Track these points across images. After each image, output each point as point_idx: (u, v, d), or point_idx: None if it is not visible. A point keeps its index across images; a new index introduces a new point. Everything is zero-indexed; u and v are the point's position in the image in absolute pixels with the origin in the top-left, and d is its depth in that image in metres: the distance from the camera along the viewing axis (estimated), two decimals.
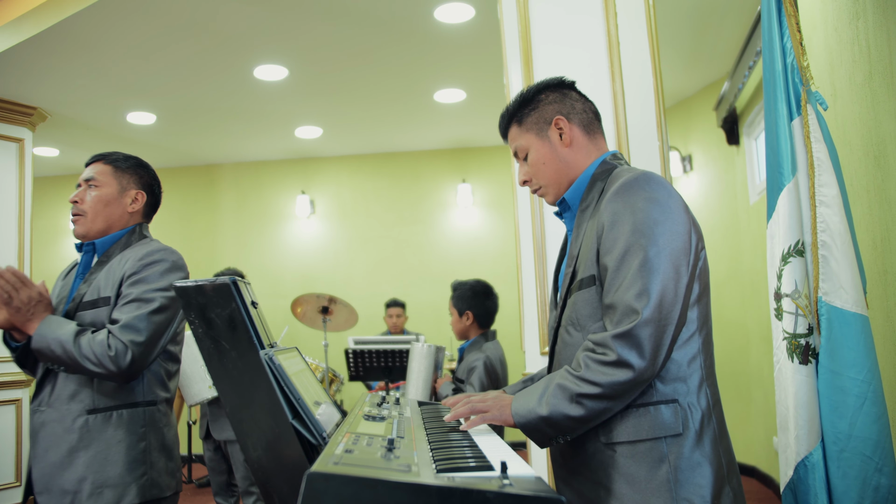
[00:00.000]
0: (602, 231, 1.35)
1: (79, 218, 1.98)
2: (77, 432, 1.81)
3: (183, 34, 4.04)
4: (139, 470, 1.84)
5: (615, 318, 1.28)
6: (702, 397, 1.36)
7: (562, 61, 2.28)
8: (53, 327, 1.79)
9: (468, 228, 6.60)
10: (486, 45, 4.32)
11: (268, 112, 5.50)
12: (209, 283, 1.26)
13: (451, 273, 6.43)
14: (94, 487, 1.78)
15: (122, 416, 1.85)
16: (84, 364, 1.75)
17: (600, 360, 1.27)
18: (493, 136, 6.37)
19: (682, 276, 1.29)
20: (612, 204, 1.35)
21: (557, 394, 1.30)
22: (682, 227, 1.32)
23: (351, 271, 6.66)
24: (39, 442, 1.85)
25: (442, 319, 6.34)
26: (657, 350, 1.26)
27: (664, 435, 1.32)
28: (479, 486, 0.83)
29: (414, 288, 6.45)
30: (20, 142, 5.16)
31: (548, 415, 1.30)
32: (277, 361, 1.17)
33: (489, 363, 2.86)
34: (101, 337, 1.78)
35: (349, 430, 1.17)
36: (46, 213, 6.97)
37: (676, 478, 1.30)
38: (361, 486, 0.81)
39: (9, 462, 4.86)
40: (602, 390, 1.26)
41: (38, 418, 1.87)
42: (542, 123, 1.53)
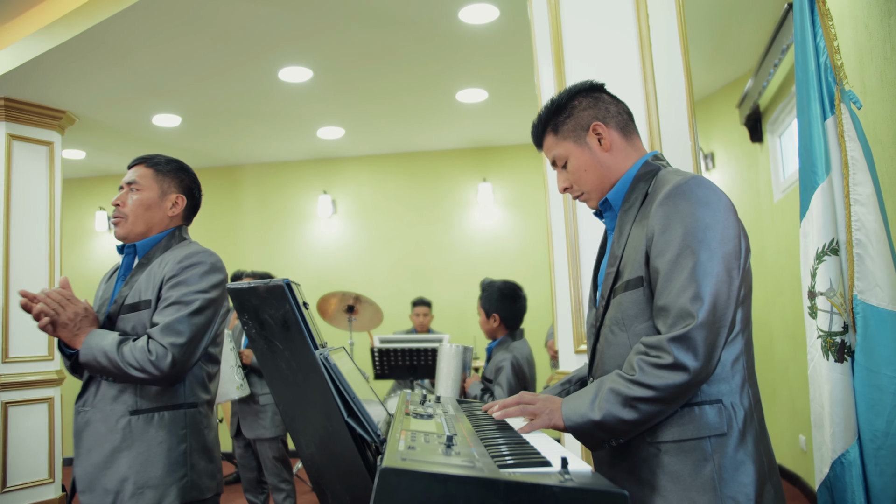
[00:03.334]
0: (652, 234, 1.37)
1: (120, 220, 2.02)
2: (120, 433, 1.84)
3: (209, 37, 4.10)
4: (180, 472, 1.86)
5: (669, 320, 1.29)
6: (744, 397, 1.38)
7: (593, 61, 2.29)
8: (98, 339, 1.82)
9: (489, 227, 6.62)
10: (510, 45, 4.34)
11: (291, 113, 5.55)
12: (263, 285, 1.29)
13: (472, 272, 6.46)
14: (135, 488, 1.81)
15: (163, 417, 1.88)
16: (129, 371, 1.79)
17: (655, 364, 1.28)
18: (514, 136, 6.38)
19: (734, 279, 1.31)
20: (663, 208, 1.36)
21: (610, 398, 1.32)
22: (733, 231, 1.34)
23: (372, 271, 6.70)
24: (83, 442, 1.88)
25: (464, 318, 6.38)
26: (712, 353, 1.28)
27: (708, 434, 1.34)
28: (545, 482, 0.86)
29: (435, 287, 6.48)
30: (50, 145, 5.25)
31: (601, 419, 1.32)
32: (332, 361, 1.20)
33: (516, 363, 2.89)
34: (142, 343, 1.81)
35: (403, 427, 1.20)
36: (74, 214, 7.07)
37: (721, 476, 1.33)
38: (432, 481, 0.84)
39: (42, 459, 4.96)
40: (657, 393, 1.28)
41: (83, 418, 1.91)
42: (580, 130, 1.54)
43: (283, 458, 4.10)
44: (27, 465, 4.86)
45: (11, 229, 4.97)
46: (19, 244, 5.01)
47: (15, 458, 4.80)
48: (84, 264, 7.17)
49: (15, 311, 4.90)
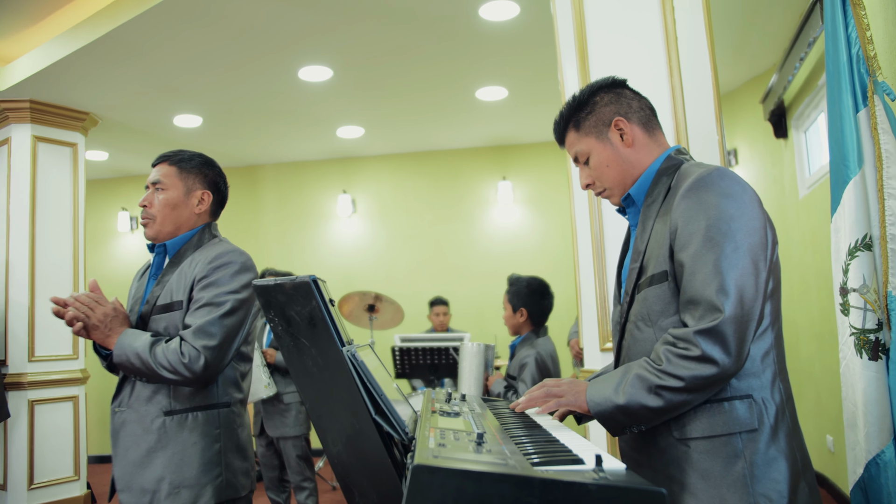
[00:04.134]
0: (676, 228, 1.35)
1: (148, 221, 2.02)
2: (155, 433, 1.85)
3: (230, 38, 4.11)
4: (214, 471, 1.87)
5: (697, 313, 1.28)
6: (775, 392, 1.35)
7: (618, 56, 2.26)
8: (130, 340, 1.83)
9: (509, 226, 6.59)
10: (530, 42, 4.32)
11: (310, 113, 5.57)
12: (289, 282, 1.28)
13: (491, 271, 6.44)
14: (171, 487, 1.82)
15: (197, 418, 1.88)
16: (161, 373, 1.79)
17: (683, 355, 1.27)
18: (534, 133, 6.35)
19: (760, 271, 1.29)
20: (686, 200, 1.34)
21: (636, 384, 1.31)
22: (759, 223, 1.32)
23: (392, 270, 6.70)
24: (120, 442, 1.90)
25: (483, 317, 6.36)
26: (741, 346, 1.26)
27: (739, 430, 1.32)
28: (580, 479, 0.84)
29: (455, 286, 6.47)
30: (73, 146, 5.31)
31: (624, 404, 1.31)
32: (360, 358, 1.19)
33: (540, 359, 2.87)
34: (174, 345, 1.81)
35: (431, 425, 1.19)
36: (97, 215, 7.15)
37: (752, 473, 1.30)
38: (466, 479, 0.83)
39: (67, 457, 5.01)
40: (683, 384, 1.27)
41: (119, 418, 1.92)
42: (601, 126, 1.53)
43: (307, 456, 4.11)
44: (53, 463, 4.92)
45: (37, 230, 5.03)
46: (44, 245, 5.07)
47: (41, 456, 4.86)
48: (107, 265, 7.25)
49: (41, 311, 4.96)
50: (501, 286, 5.86)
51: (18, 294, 4.93)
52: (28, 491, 4.77)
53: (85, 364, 5.25)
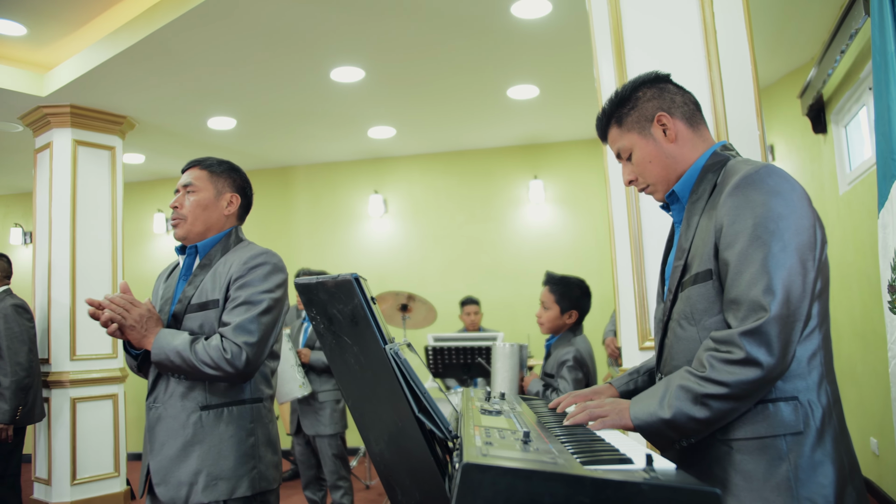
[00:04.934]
0: (721, 226, 1.32)
1: (179, 222, 2.06)
2: (191, 428, 1.90)
3: (263, 41, 4.16)
4: (249, 464, 1.92)
5: (740, 314, 1.25)
6: (822, 395, 1.32)
7: (655, 51, 2.23)
8: (169, 339, 1.87)
9: (540, 225, 6.56)
10: (562, 39, 4.29)
11: (342, 113, 5.60)
12: (331, 280, 1.28)
13: (523, 270, 6.41)
14: (208, 480, 1.86)
15: (231, 412, 1.93)
16: (203, 369, 1.83)
17: (726, 359, 1.24)
18: (565, 132, 6.31)
19: (808, 271, 1.26)
20: (733, 198, 1.32)
21: (680, 395, 1.28)
22: (808, 221, 1.28)
23: (424, 269, 6.71)
24: (156, 437, 1.94)
25: (515, 316, 6.33)
26: (786, 347, 1.23)
27: (784, 433, 1.29)
28: (632, 479, 0.83)
29: (486, 285, 6.45)
30: (112, 149, 5.42)
31: (671, 417, 1.28)
32: (403, 356, 1.19)
33: (580, 356, 2.84)
34: (215, 342, 1.86)
35: (475, 423, 1.19)
36: (133, 216, 7.28)
37: (797, 476, 1.27)
38: (516, 477, 0.82)
39: (108, 453, 5.12)
40: (729, 390, 1.24)
41: (154, 414, 1.96)
42: (644, 121, 1.51)
43: (342, 455, 4.14)
44: (94, 459, 5.03)
45: (77, 232, 5.15)
46: (84, 246, 5.18)
47: (83, 452, 4.97)
48: (144, 265, 7.38)
49: (81, 311, 5.07)
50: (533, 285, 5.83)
51: (60, 294, 5.05)
52: (71, 486, 4.88)
53: (123, 363, 5.35)
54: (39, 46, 4.70)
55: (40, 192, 5.30)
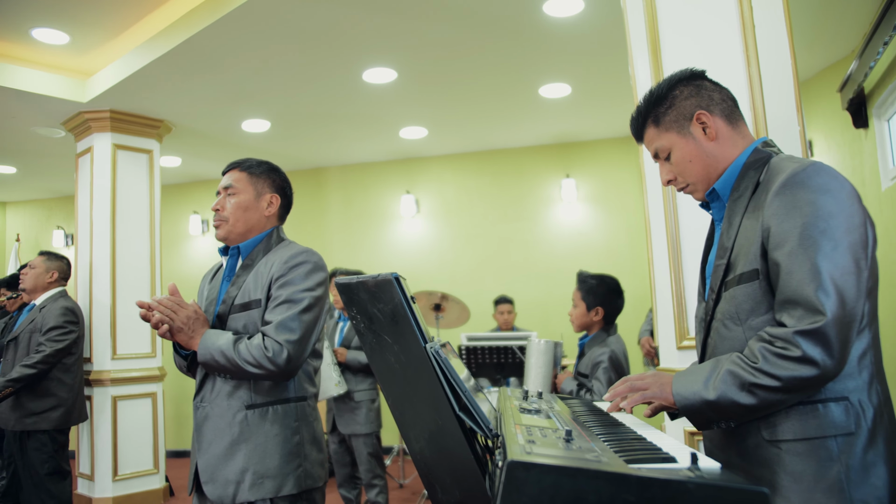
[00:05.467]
0: (769, 226, 1.30)
1: (221, 223, 2.09)
2: (237, 426, 1.92)
3: (296, 43, 4.20)
4: (295, 462, 1.93)
5: (796, 314, 1.23)
6: (873, 394, 1.30)
7: (692, 46, 2.21)
8: (213, 340, 1.91)
9: (573, 224, 6.52)
10: (594, 37, 4.26)
11: (374, 114, 5.64)
12: (372, 279, 1.30)
13: (556, 269, 6.38)
14: (255, 478, 1.89)
15: (276, 411, 1.95)
16: (246, 368, 1.86)
17: (782, 355, 1.23)
18: (597, 130, 6.26)
19: (862, 270, 1.24)
20: (780, 198, 1.30)
21: (727, 379, 1.28)
22: (859, 219, 1.26)
23: (456, 269, 6.72)
24: (203, 436, 1.97)
25: (548, 315, 6.31)
26: (844, 348, 1.22)
27: (834, 434, 1.27)
28: (677, 477, 0.82)
29: (519, 284, 6.44)
30: (149, 153, 5.53)
31: (714, 399, 1.28)
32: (444, 355, 1.20)
33: (615, 357, 2.82)
34: (257, 341, 1.88)
35: (516, 421, 1.19)
36: (170, 218, 7.42)
37: (850, 478, 1.26)
38: (561, 475, 0.82)
39: (147, 451, 5.23)
40: (780, 384, 1.23)
41: (201, 413, 1.99)
42: (683, 120, 1.49)
43: (377, 453, 4.17)
44: (134, 456, 5.14)
45: (117, 233, 5.27)
46: (124, 248, 5.30)
47: (124, 449, 5.08)
48: (180, 267, 7.51)
49: (122, 311, 5.19)
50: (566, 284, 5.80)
51: (101, 294, 5.17)
52: (112, 482, 5.00)
53: (162, 362, 5.46)
54: (81, 53, 4.81)
55: (82, 195, 5.43)
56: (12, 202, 8.48)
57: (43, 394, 3.87)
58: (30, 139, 5.95)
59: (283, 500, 1.91)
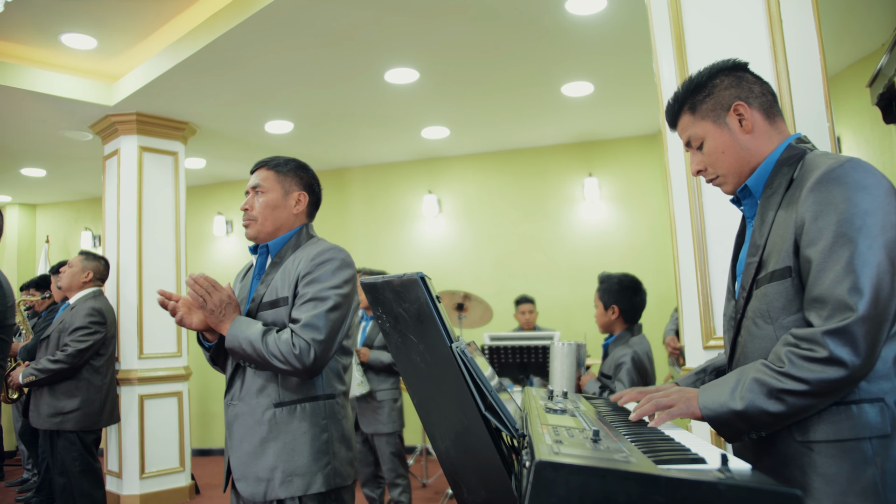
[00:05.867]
0: (802, 223, 1.28)
1: (250, 223, 2.10)
2: (266, 424, 1.93)
3: (318, 44, 4.22)
4: (323, 460, 1.93)
5: (824, 313, 1.21)
6: None
7: (717, 42, 2.18)
8: (243, 327, 1.91)
9: (596, 223, 6.48)
10: (617, 35, 4.23)
11: (396, 115, 5.65)
12: (398, 279, 1.30)
13: (578, 269, 6.35)
14: (284, 476, 1.90)
15: (305, 409, 1.95)
16: (271, 361, 1.86)
17: (808, 357, 1.20)
18: (620, 128, 6.22)
19: None
20: (815, 194, 1.27)
21: (754, 388, 1.25)
22: (895, 217, 1.23)
23: (478, 269, 6.72)
24: (234, 433, 1.99)
25: (571, 315, 6.28)
26: (873, 347, 1.19)
27: (869, 435, 1.25)
28: (708, 478, 0.81)
29: (541, 284, 6.42)
30: (175, 155, 5.60)
31: (742, 409, 1.26)
32: (469, 354, 1.20)
33: (637, 358, 2.80)
34: (286, 336, 1.88)
35: (542, 421, 1.18)
36: (195, 219, 7.50)
37: (885, 481, 1.23)
38: (590, 475, 0.82)
39: (173, 449, 5.29)
40: (809, 388, 1.20)
41: (232, 411, 2.01)
42: (720, 110, 1.46)
43: (400, 453, 4.18)
44: (161, 454, 5.21)
45: (143, 235, 5.34)
46: (150, 248, 5.37)
47: (151, 447, 5.15)
48: (205, 267, 7.59)
49: (148, 311, 5.25)
50: (588, 284, 5.77)
51: (128, 294, 5.24)
52: (140, 479, 5.07)
53: (188, 361, 5.52)
54: (108, 58, 4.88)
55: (109, 196, 5.51)
56: (42, 204, 8.64)
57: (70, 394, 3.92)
58: (59, 142, 6.05)
59: (312, 498, 1.91)
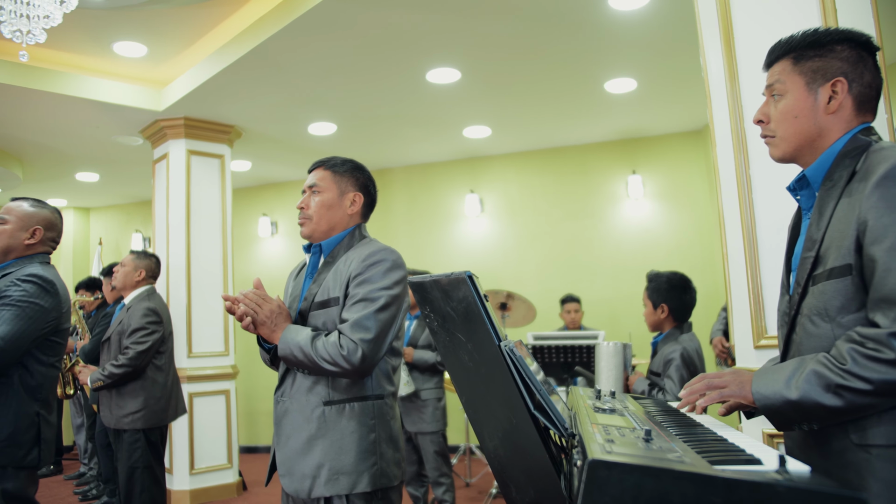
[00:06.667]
0: (866, 219, 1.23)
1: (305, 221, 2.13)
2: (315, 422, 1.95)
3: (361, 46, 4.26)
4: (370, 460, 1.94)
5: (892, 314, 1.17)
6: None
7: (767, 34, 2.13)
8: (293, 335, 1.94)
9: (640, 221, 6.40)
10: (660, 29, 4.17)
11: (438, 115, 5.66)
12: (445, 278, 1.30)
13: (622, 267, 6.27)
14: (330, 474, 1.91)
15: (353, 408, 1.96)
16: (322, 365, 1.89)
17: (873, 357, 1.16)
18: (665, 124, 6.13)
19: None
20: (881, 189, 1.22)
21: (811, 380, 1.22)
22: None
23: (521, 268, 6.69)
24: (282, 430, 2.02)
25: (615, 314, 6.21)
26: None
27: None
28: (767, 480, 0.80)
29: (585, 283, 6.36)
30: (221, 157, 5.72)
31: (797, 399, 1.22)
32: (518, 353, 1.19)
33: (687, 355, 2.76)
34: (333, 338, 1.90)
35: (592, 421, 1.17)
36: (240, 220, 7.64)
37: None
38: (644, 475, 0.81)
39: (221, 446, 5.40)
40: (871, 387, 1.16)
41: (281, 408, 2.04)
42: (819, 76, 1.38)
43: (444, 452, 4.19)
44: (209, 451, 5.33)
45: (192, 236, 5.46)
46: (198, 250, 5.49)
47: (200, 444, 5.27)
48: (250, 267, 7.73)
49: (197, 311, 5.38)
50: (634, 282, 5.70)
51: (178, 295, 5.37)
52: (189, 475, 5.19)
53: (235, 360, 5.63)
54: (157, 64, 5.02)
55: (158, 199, 5.66)
56: (95, 207, 8.92)
57: (135, 394, 4.03)
58: (111, 148, 6.24)
59: (358, 498, 1.92)
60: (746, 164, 2.15)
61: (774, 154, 1.46)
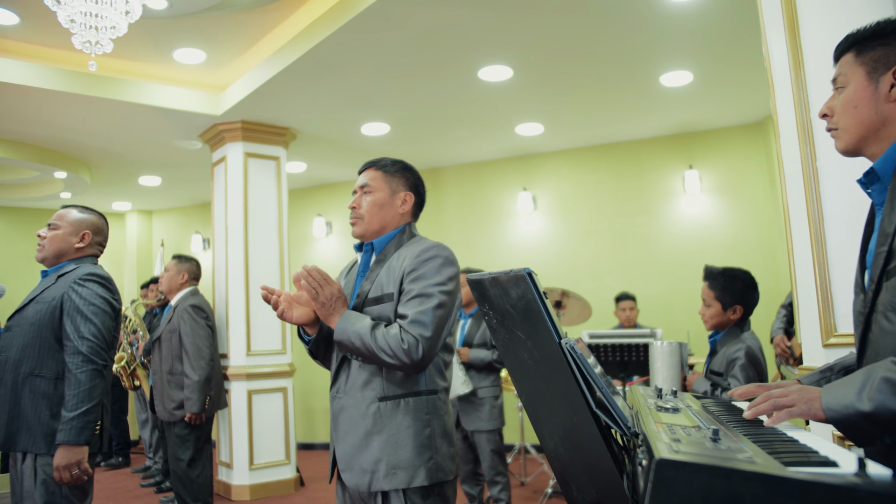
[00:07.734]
0: None
1: (357, 220, 2.16)
2: (371, 418, 1.98)
3: (412, 46, 4.28)
4: (426, 454, 1.96)
5: None
6: None
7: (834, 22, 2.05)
8: (352, 321, 1.97)
9: (696, 217, 6.25)
10: (716, 21, 4.06)
11: (490, 113, 5.65)
12: (504, 275, 1.30)
13: (678, 264, 6.14)
14: (388, 468, 1.94)
15: (408, 403, 1.99)
16: (380, 355, 1.91)
17: None
18: (722, 118, 5.97)
19: None
20: None
21: (884, 388, 1.16)
22: None
23: (575, 266, 6.62)
24: (340, 425, 2.05)
25: (671, 312, 6.08)
26: None
27: None
28: (846, 483, 0.77)
29: (640, 281, 6.25)
30: (277, 159, 5.83)
31: (871, 411, 1.17)
32: (580, 350, 1.18)
33: (752, 353, 2.67)
34: (395, 331, 1.92)
35: (655, 420, 1.15)
36: (296, 221, 7.78)
37: None
38: (713, 475, 0.79)
39: (279, 442, 5.52)
40: None
41: (338, 404, 2.07)
42: (881, 65, 1.35)
43: (500, 450, 4.18)
44: (268, 447, 5.44)
45: (249, 237, 5.59)
46: (256, 250, 5.62)
47: (258, 440, 5.40)
48: None
49: (255, 310, 5.50)
50: (690, 279, 5.57)
51: (236, 294, 5.50)
52: (249, 470, 5.32)
53: (292, 358, 5.74)
54: (215, 69, 5.15)
55: (217, 201, 5.81)
56: (158, 210, 9.21)
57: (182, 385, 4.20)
58: (172, 152, 6.43)
59: (416, 492, 1.94)
60: (813, 157, 2.08)
61: (839, 147, 1.43)
